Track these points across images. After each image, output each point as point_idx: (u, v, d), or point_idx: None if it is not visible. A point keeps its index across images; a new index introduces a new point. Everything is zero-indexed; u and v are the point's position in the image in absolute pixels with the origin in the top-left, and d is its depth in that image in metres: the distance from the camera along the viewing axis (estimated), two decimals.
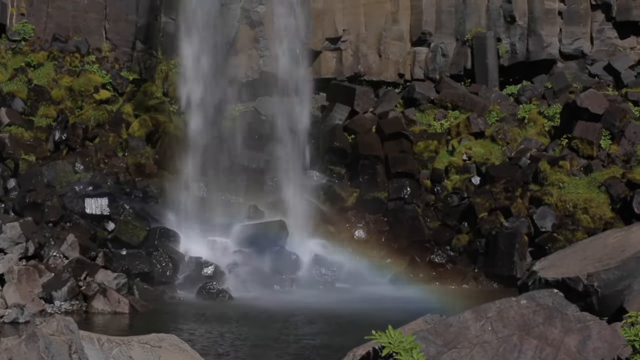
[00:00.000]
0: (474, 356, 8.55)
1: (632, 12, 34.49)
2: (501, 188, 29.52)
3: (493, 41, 34.59)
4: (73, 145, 30.29)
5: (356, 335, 9.48)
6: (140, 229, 27.04)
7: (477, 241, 28.52)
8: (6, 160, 29.14)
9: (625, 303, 10.44)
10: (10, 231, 24.39)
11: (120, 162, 30.19)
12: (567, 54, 34.88)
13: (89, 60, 33.17)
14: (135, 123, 31.47)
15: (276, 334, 20.56)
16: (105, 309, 22.75)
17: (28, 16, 33.54)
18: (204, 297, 25.07)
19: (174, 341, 9.77)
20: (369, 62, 34.97)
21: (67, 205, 27.33)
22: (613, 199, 28.51)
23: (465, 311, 8.98)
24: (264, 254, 27.48)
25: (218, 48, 31.63)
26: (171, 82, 32.87)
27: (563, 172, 29.37)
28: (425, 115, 33.47)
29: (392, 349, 8.24)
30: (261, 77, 33.91)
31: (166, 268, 26.08)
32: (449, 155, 31.73)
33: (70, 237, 25.10)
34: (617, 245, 11.22)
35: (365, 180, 31.10)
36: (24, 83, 32.01)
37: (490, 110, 32.85)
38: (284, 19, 32.98)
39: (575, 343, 8.77)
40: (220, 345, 19.09)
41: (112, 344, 9.45)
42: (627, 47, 34.78)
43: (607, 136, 30.29)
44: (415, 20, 35.07)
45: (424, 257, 28.63)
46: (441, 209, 30.16)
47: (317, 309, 23.67)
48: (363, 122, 32.86)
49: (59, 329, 8.89)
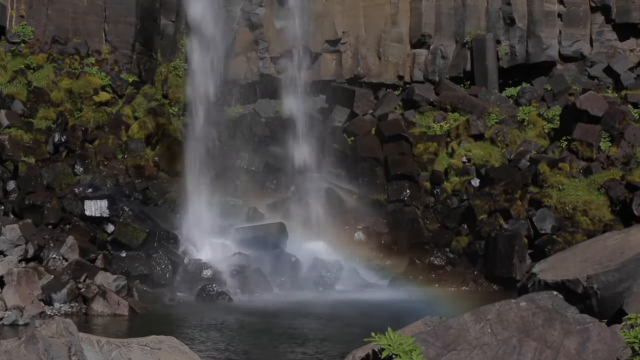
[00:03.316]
0: (473, 358, 8.55)
1: (631, 14, 34.52)
2: (501, 190, 29.52)
3: (492, 43, 34.61)
4: (72, 148, 30.29)
5: (356, 337, 9.48)
6: (140, 231, 27.03)
7: (477, 243, 28.51)
8: (6, 163, 29.14)
9: (625, 305, 10.44)
10: (10, 233, 24.39)
11: (119, 164, 30.20)
12: (567, 56, 34.90)
13: (89, 62, 33.20)
14: (134, 125, 31.48)
15: (276, 336, 20.55)
16: (104, 311, 22.74)
17: (28, 18, 33.55)
18: (203, 299, 25.06)
19: (174, 343, 9.77)
20: (369, 64, 34.98)
21: (66, 207, 27.33)
22: (612, 201, 28.51)
23: (464, 313, 8.98)
24: (263, 256, 27.46)
25: (218, 50, 31.64)
26: (171, 84, 32.89)
27: (562, 174, 29.36)
28: (424, 117, 33.48)
29: (392, 351, 8.24)
30: (261, 79, 33.93)
31: (166, 270, 26.08)
32: (448, 157, 31.73)
33: (69, 239, 25.10)
34: (616, 248, 11.22)
35: (364, 182, 31.11)
36: (24, 85, 32.03)
37: (490, 112, 32.87)
38: (283, 21, 33.01)
39: (574, 345, 8.77)
40: (220, 347, 19.08)
41: (112, 345, 9.45)
42: (626, 49, 34.79)
43: (606, 138, 30.29)
44: (415, 22, 35.09)
45: (424, 259, 28.62)
46: (441, 211, 30.17)
47: (317, 311, 23.66)
48: (362, 124, 32.88)
49: (58, 331, 8.89)
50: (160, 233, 27.13)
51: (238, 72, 33.85)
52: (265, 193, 30.78)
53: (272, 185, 30.96)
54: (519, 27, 34.75)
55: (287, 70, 32.93)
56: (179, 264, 26.33)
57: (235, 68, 33.76)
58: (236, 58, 33.82)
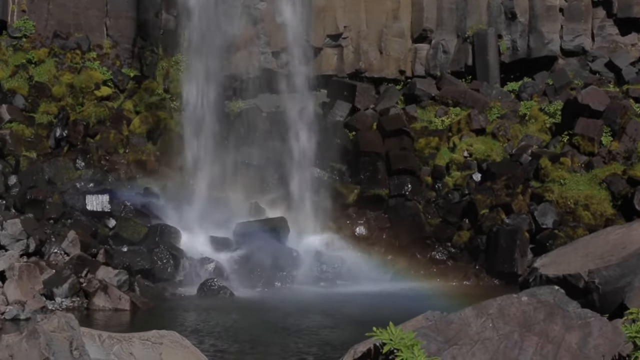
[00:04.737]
0: (474, 353, 8.54)
1: (633, 8, 34.49)
2: (502, 185, 29.52)
3: (494, 38, 34.59)
4: (74, 142, 30.29)
5: (357, 332, 9.48)
6: (142, 225, 27.05)
7: (478, 238, 28.51)
8: (7, 157, 29.15)
9: (626, 300, 10.44)
10: (11, 228, 24.40)
11: (121, 158, 30.20)
12: (568, 51, 34.87)
13: (90, 57, 33.18)
14: (136, 120, 31.48)
15: (277, 330, 20.56)
16: (106, 305, 22.76)
17: (29, 13, 33.53)
18: (205, 293, 25.07)
19: (175, 338, 9.77)
20: (370, 59, 34.96)
21: (68, 202, 27.33)
22: (614, 196, 28.50)
23: (466, 308, 8.97)
24: (264, 251, 27.45)
25: (219, 45, 31.62)
26: (172, 79, 32.89)
27: (564, 168, 29.35)
28: (426, 112, 33.47)
29: (393, 345, 8.24)
30: (262, 73, 33.92)
31: (167, 265, 26.09)
32: (450, 152, 31.72)
33: (71, 234, 25.11)
34: (618, 242, 11.21)
35: (366, 177, 31.10)
36: (25, 80, 32.02)
37: (491, 107, 32.85)
38: (284, 16, 32.98)
39: (576, 340, 8.76)
40: (222, 341, 19.09)
41: (113, 340, 9.45)
42: (628, 43, 34.76)
43: (608, 133, 30.27)
44: (416, 17, 35.06)
45: (425, 254, 28.63)
46: (442, 205, 30.17)
47: (318, 305, 23.67)
48: (364, 119, 32.87)
49: (60, 325, 8.89)
50: (162, 228, 27.15)
51: (239, 67, 33.83)
52: (267, 188, 30.79)
53: (273, 180, 30.97)
54: (520, 22, 34.72)
55: (288, 65, 32.91)
56: (180, 259, 26.34)
57: (236, 63, 33.74)
58: (237, 53, 33.80)
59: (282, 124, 31.95)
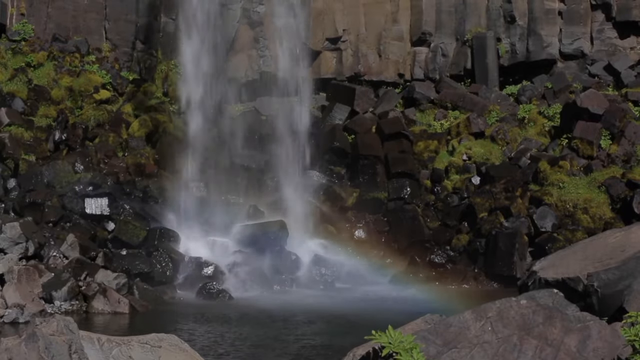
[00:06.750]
0: (474, 356, 8.55)
1: (632, 12, 34.50)
2: (501, 188, 29.53)
3: (493, 41, 34.61)
4: (73, 145, 30.29)
5: (356, 335, 9.48)
6: (140, 229, 27.04)
7: (477, 241, 28.52)
8: (6, 160, 29.13)
9: (625, 303, 10.43)
10: (10, 231, 24.38)
11: (120, 162, 30.20)
12: (567, 54, 34.88)
13: (89, 60, 33.18)
14: (135, 123, 31.48)
15: (276, 334, 20.55)
16: (105, 309, 22.74)
17: (28, 16, 33.53)
18: (203, 297, 25.07)
19: (174, 341, 9.77)
20: (369, 62, 34.98)
21: (67, 205, 27.33)
22: (613, 199, 28.51)
23: (465, 311, 8.98)
24: (264, 254, 27.46)
25: (218, 48, 31.64)
26: (171, 82, 32.89)
27: (563, 172, 29.36)
28: (425, 115, 33.48)
29: (392, 348, 8.24)
30: (261, 77, 33.93)
31: (166, 268, 26.08)
32: (449, 155, 31.74)
33: (70, 237, 25.09)
34: (617, 245, 11.21)
35: (365, 180, 31.11)
36: (24, 83, 32.01)
37: (490, 110, 32.86)
38: (283, 19, 33.00)
39: (575, 343, 8.76)
40: (220, 345, 19.09)
41: (112, 344, 9.45)
42: (627, 47, 34.78)
43: (607, 136, 30.29)
44: (415, 20, 35.09)
45: (424, 257, 28.62)
46: (441, 209, 30.17)
47: (317, 309, 23.66)
48: (363, 122, 32.87)
49: (59, 329, 8.89)
50: (161, 231, 27.14)
51: (238, 70, 33.84)
52: (266, 191, 30.79)
53: (272, 183, 30.96)
54: (519, 25, 34.74)
55: (287, 68, 32.91)
56: (179, 262, 26.33)
57: (235, 66, 33.75)
58: (236, 56, 33.81)
59: (281, 127, 31.94)
